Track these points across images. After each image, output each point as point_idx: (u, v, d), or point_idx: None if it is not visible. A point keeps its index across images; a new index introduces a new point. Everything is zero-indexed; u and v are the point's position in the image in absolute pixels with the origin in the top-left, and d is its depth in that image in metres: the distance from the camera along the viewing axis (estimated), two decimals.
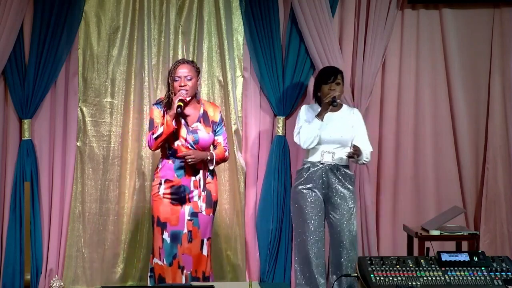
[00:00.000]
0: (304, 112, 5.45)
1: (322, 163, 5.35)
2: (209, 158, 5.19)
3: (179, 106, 5.06)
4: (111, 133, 6.05)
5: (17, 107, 5.89)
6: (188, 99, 5.15)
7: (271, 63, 6.01)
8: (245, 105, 6.12)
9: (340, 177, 5.34)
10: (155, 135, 5.11)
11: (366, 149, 5.41)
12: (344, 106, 5.53)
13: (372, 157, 6.03)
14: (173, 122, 5.08)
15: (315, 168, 5.35)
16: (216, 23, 6.07)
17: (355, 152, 5.24)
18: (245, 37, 6.05)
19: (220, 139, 5.30)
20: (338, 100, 5.34)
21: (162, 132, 5.09)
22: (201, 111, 5.25)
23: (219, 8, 6.04)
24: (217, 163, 5.27)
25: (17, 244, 5.85)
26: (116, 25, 6.02)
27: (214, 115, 5.28)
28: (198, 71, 5.29)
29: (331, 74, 5.39)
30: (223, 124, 5.35)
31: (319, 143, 5.34)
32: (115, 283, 5.97)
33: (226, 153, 5.32)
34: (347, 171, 5.40)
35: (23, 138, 5.89)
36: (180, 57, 5.98)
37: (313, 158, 5.38)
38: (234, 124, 6.08)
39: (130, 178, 6.04)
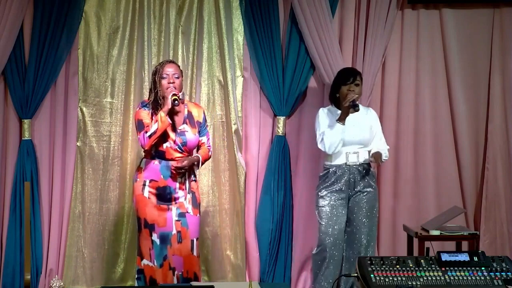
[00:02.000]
0: (324, 117, 5.44)
1: (348, 165, 5.36)
2: (195, 163, 5.20)
3: (175, 99, 5.06)
4: (111, 133, 6.05)
5: (17, 107, 5.89)
6: (180, 94, 5.15)
7: (271, 63, 6.02)
8: (245, 105, 6.12)
9: (365, 176, 5.38)
10: (148, 133, 5.09)
11: (384, 148, 5.47)
12: (359, 106, 5.53)
13: None
14: (167, 118, 5.08)
15: (342, 171, 5.36)
16: (216, 23, 6.07)
17: (377, 160, 5.32)
18: (245, 37, 6.06)
19: (204, 139, 5.32)
20: (359, 104, 5.34)
21: (157, 128, 5.07)
22: (186, 112, 5.24)
23: (219, 8, 6.05)
24: (202, 163, 5.27)
25: (17, 244, 5.85)
26: (116, 25, 6.02)
27: (199, 115, 5.28)
28: (181, 72, 5.30)
29: (350, 75, 5.40)
30: (206, 124, 5.36)
31: (342, 145, 5.35)
32: (115, 283, 5.97)
33: (210, 153, 5.35)
34: (371, 169, 5.45)
35: (23, 138, 5.90)
36: (180, 57, 6.00)
37: (338, 160, 5.38)
38: (234, 124, 6.08)
39: (130, 178, 6.03)
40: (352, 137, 5.36)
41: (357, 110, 5.29)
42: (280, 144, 6.05)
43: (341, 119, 5.30)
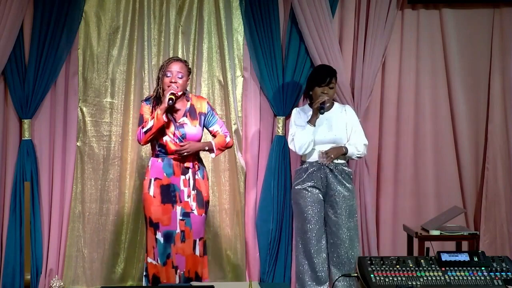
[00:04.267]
0: (296, 117, 5.46)
1: (319, 163, 5.35)
2: (207, 148, 5.18)
3: (170, 99, 5.06)
4: (111, 133, 6.05)
5: (17, 107, 5.89)
6: (179, 93, 5.15)
7: (271, 63, 6.01)
8: (245, 105, 6.12)
9: (338, 176, 5.35)
10: (144, 129, 5.10)
11: (357, 142, 5.40)
12: (336, 104, 5.53)
13: (372, 157, 6.04)
14: (164, 116, 5.08)
15: (314, 168, 5.35)
16: (216, 23, 6.07)
17: (327, 158, 5.26)
18: (245, 37, 6.06)
19: (216, 127, 5.27)
20: (328, 105, 5.33)
21: (152, 125, 5.08)
22: (188, 105, 5.24)
23: (219, 8, 6.04)
24: (220, 150, 5.24)
25: (17, 244, 5.85)
26: (116, 25, 6.02)
27: (201, 106, 5.27)
28: (189, 71, 5.29)
29: (326, 76, 5.38)
30: (214, 112, 5.31)
31: (314, 144, 5.35)
32: (115, 283, 5.97)
33: (228, 139, 5.28)
34: (346, 168, 5.41)
35: (23, 138, 5.89)
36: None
37: (311, 158, 5.39)
38: (234, 124, 6.08)
39: (130, 178, 6.04)
40: (323, 136, 5.35)
41: (322, 113, 5.27)
42: (280, 144, 6.04)
43: (311, 121, 5.30)
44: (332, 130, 5.38)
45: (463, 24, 6.19)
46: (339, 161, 5.39)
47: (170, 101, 5.06)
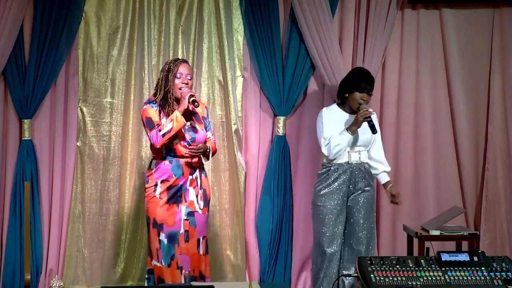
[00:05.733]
0: (328, 119, 5.37)
1: (350, 163, 5.35)
2: (208, 151, 5.20)
3: (194, 101, 5.04)
4: (111, 133, 6.05)
5: (17, 107, 5.89)
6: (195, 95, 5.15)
7: (271, 63, 6.01)
8: (245, 105, 6.12)
9: (365, 175, 5.37)
10: (162, 132, 5.02)
11: (384, 161, 5.51)
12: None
13: None
14: (183, 118, 5.06)
15: (343, 169, 5.34)
16: (216, 23, 6.07)
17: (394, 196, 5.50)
18: (245, 37, 6.06)
19: (209, 134, 5.27)
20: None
21: (172, 128, 5.01)
22: (190, 108, 5.23)
23: (219, 8, 6.05)
24: (211, 156, 5.27)
25: (17, 244, 5.85)
26: (116, 25, 6.02)
27: (203, 111, 5.27)
28: (193, 73, 5.30)
29: (369, 84, 5.33)
30: (209, 119, 5.32)
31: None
32: (115, 283, 5.97)
33: (216, 146, 5.34)
34: (368, 167, 5.43)
35: (23, 138, 5.89)
36: (180, 57, 5.97)
37: (341, 159, 5.36)
38: (234, 124, 6.08)
39: (130, 178, 6.04)
40: (356, 138, 5.34)
41: (375, 133, 5.26)
42: (280, 144, 6.05)
43: (352, 130, 5.26)
44: (364, 133, 5.33)
45: (463, 24, 6.19)
46: (365, 160, 5.40)
47: (196, 103, 5.04)
